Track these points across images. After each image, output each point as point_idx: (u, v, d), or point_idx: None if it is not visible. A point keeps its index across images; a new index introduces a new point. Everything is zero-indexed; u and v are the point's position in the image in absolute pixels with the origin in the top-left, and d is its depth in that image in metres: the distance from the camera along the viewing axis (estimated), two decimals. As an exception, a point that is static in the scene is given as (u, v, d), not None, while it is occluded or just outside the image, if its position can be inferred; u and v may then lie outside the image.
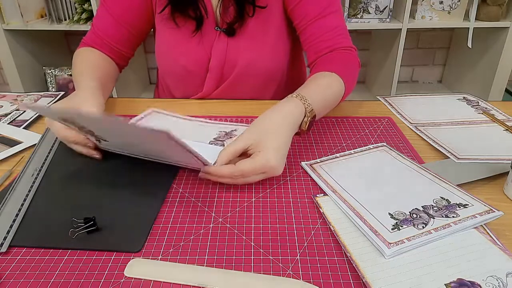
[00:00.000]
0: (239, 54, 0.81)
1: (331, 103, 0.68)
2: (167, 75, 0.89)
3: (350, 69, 0.74)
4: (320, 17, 0.76)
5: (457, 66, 2.13)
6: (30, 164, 0.59)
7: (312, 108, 0.60)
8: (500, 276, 0.40)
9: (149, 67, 2.20)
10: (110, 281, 0.40)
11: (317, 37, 0.77)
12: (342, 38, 0.77)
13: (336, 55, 0.75)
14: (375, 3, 1.73)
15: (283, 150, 0.54)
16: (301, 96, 0.60)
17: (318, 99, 0.63)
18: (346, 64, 0.74)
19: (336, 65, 0.72)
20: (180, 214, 0.50)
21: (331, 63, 0.73)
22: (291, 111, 0.58)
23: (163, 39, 0.83)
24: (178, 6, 0.77)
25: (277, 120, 0.56)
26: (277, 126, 0.55)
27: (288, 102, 0.60)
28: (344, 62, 0.74)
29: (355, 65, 0.76)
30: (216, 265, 0.42)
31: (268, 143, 0.53)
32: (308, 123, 0.60)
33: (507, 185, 0.53)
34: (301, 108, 0.59)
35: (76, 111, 0.56)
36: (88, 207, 0.51)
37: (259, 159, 0.51)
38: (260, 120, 0.57)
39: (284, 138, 0.55)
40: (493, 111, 0.78)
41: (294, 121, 0.58)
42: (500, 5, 1.72)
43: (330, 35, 0.76)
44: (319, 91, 0.65)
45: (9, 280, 0.40)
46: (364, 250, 0.43)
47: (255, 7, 0.77)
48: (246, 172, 0.52)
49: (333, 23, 0.77)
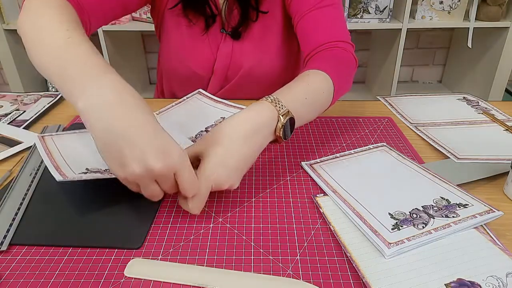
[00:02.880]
0: (244, 57, 0.81)
1: (316, 103, 0.59)
2: (171, 75, 0.89)
3: (342, 68, 0.66)
4: (315, 9, 0.72)
5: (457, 66, 2.13)
6: (29, 163, 0.59)
7: (287, 110, 0.51)
8: (500, 276, 0.40)
9: (149, 67, 2.20)
10: (110, 281, 0.40)
11: (310, 30, 0.72)
12: (338, 31, 0.71)
13: (329, 52, 0.69)
14: (375, 3, 1.73)
15: (232, 162, 0.47)
16: (273, 98, 0.51)
17: (298, 99, 0.54)
18: (339, 63, 0.67)
19: (327, 62, 0.64)
20: (180, 214, 0.50)
21: (321, 61, 0.65)
22: (254, 117, 0.49)
23: (171, 39, 0.83)
24: (190, 2, 0.77)
25: (233, 126, 0.48)
26: (231, 133, 0.48)
27: (254, 106, 0.51)
28: (336, 61, 0.67)
29: (350, 63, 0.69)
30: (216, 265, 0.42)
31: (210, 157, 0.46)
32: (282, 127, 0.50)
33: (507, 185, 0.53)
34: (271, 111, 0.50)
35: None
36: (87, 205, 0.51)
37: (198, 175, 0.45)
38: (218, 126, 0.49)
39: (237, 148, 0.47)
40: (493, 111, 0.78)
41: (259, 127, 0.49)
42: (500, 5, 1.72)
43: (323, 28, 0.71)
44: (300, 90, 0.56)
45: (9, 280, 0.40)
46: (364, 250, 0.43)
47: (258, 12, 0.77)
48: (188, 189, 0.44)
49: (329, 16, 0.72)
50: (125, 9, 0.75)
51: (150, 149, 0.40)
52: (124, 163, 0.41)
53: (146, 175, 0.41)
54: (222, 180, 0.47)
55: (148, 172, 0.41)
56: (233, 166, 0.47)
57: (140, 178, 0.42)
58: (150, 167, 0.40)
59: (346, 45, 0.70)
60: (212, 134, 0.49)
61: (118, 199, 0.52)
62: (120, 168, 0.42)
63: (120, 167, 0.42)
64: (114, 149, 0.41)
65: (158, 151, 0.41)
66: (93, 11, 0.65)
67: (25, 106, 0.81)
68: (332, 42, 0.69)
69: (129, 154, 0.40)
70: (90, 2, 0.64)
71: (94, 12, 0.65)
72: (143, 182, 0.43)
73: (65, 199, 0.52)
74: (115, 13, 0.73)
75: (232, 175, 0.47)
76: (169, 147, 0.42)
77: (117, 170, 0.42)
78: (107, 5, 0.69)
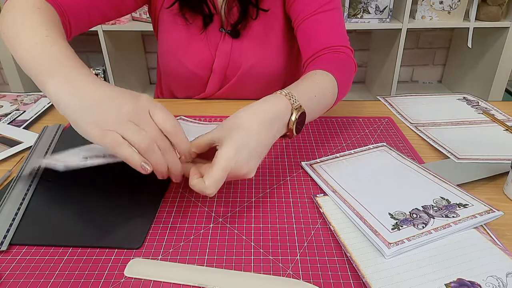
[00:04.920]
0: (243, 56, 0.81)
1: (323, 102, 0.61)
2: (169, 75, 0.89)
3: (345, 71, 0.69)
4: (316, 13, 0.73)
5: (457, 66, 2.13)
6: (29, 163, 0.59)
7: (300, 105, 0.52)
8: (500, 276, 0.40)
9: (149, 67, 2.20)
10: (110, 281, 0.40)
11: (312, 34, 0.73)
12: (338, 36, 0.73)
13: (331, 56, 0.71)
14: (375, 3, 1.73)
15: (250, 148, 0.47)
16: (287, 92, 0.53)
17: (308, 96, 0.56)
18: (341, 65, 0.69)
19: (331, 65, 0.66)
20: (180, 214, 0.50)
21: (325, 63, 0.67)
22: (270, 107, 0.51)
23: (168, 39, 0.83)
24: (187, 1, 0.77)
25: (249, 115, 0.49)
26: (247, 122, 0.48)
27: (269, 97, 0.52)
28: (339, 63, 0.69)
29: (351, 67, 0.71)
30: (216, 265, 0.42)
31: (231, 139, 0.46)
32: (295, 121, 0.52)
33: (507, 185, 0.53)
34: (285, 104, 0.51)
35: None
36: (88, 205, 0.51)
37: (217, 157, 0.46)
38: (233, 115, 0.50)
39: (255, 135, 0.47)
40: (493, 111, 0.78)
41: (274, 118, 0.50)
42: (500, 5, 1.72)
43: (325, 32, 0.73)
44: (309, 87, 0.58)
45: (9, 280, 0.40)
46: (364, 250, 0.43)
47: (258, 9, 0.77)
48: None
49: (330, 21, 0.74)
50: (118, 11, 0.76)
51: (121, 98, 0.45)
52: (101, 122, 0.44)
53: (122, 120, 0.44)
54: (242, 163, 0.46)
55: (123, 115, 0.44)
56: (253, 150, 0.47)
57: (119, 127, 0.43)
58: (123, 110, 0.44)
59: (346, 49, 0.72)
60: (229, 121, 0.49)
61: (119, 199, 0.52)
62: (100, 131, 0.44)
63: (99, 129, 0.44)
64: (89, 114, 0.44)
65: (126, 97, 0.46)
66: (75, 13, 0.66)
67: (25, 106, 0.81)
68: (334, 47, 0.71)
69: (102, 112, 0.44)
70: (71, 4, 0.65)
71: (76, 14, 0.66)
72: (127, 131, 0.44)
73: (65, 199, 0.52)
74: (103, 14, 0.73)
75: (251, 159, 0.47)
76: (136, 94, 0.47)
77: (97, 135, 0.44)
78: (93, 6, 0.69)
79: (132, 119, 0.44)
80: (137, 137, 0.43)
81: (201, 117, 0.75)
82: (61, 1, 0.63)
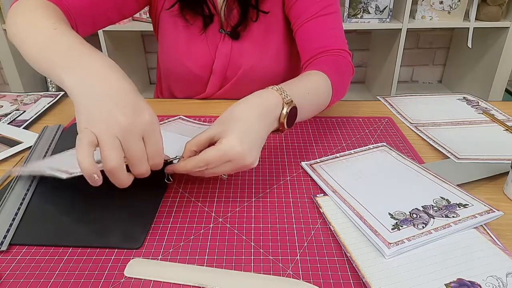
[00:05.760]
0: (243, 57, 0.81)
1: (316, 100, 0.62)
2: (169, 76, 0.89)
3: (341, 73, 0.69)
4: (316, 17, 0.74)
5: (457, 66, 2.13)
6: (29, 163, 0.59)
7: (291, 99, 0.53)
8: (500, 276, 0.40)
9: (149, 67, 2.20)
10: (110, 281, 0.40)
11: (311, 36, 0.74)
12: (337, 40, 0.74)
13: (329, 58, 0.72)
14: (375, 3, 1.73)
15: (251, 137, 0.48)
16: (278, 87, 0.54)
17: (300, 92, 0.57)
18: (338, 67, 0.70)
19: (327, 67, 0.67)
20: (180, 214, 0.50)
21: (322, 65, 0.68)
22: (262, 101, 0.52)
23: (168, 40, 0.83)
24: (187, 2, 0.77)
25: (244, 109, 0.50)
26: (244, 114, 0.50)
27: (261, 92, 0.53)
28: (336, 66, 0.70)
29: (348, 70, 0.72)
30: (216, 265, 0.42)
31: (232, 129, 0.47)
32: (286, 115, 0.53)
33: (507, 185, 0.53)
34: (277, 98, 0.53)
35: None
36: (87, 205, 0.51)
37: (221, 145, 0.46)
38: (228, 110, 0.51)
39: (253, 125, 0.49)
40: (493, 111, 0.78)
41: (267, 111, 0.51)
42: (500, 5, 1.72)
43: (324, 36, 0.74)
44: (302, 85, 0.59)
45: (9, 280, 0.40)
46: (364, 250, 0.43)
47: (258, 11, 0.77)
48: (210, 161, 0.47)
49: (329, 24, 0.75)
50: (121, 14, 0.77)
51: (121, 107, 0.42)
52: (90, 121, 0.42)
53: (109, 132, 0.41)
54: (246, 152, 0.47)
55: (113, 129, 0.41)
56: (254, 139, 0.48)
57: (102, 137, 0.41)
58: (116, 124, 0.41)
59: (344, 53, 0.73)
60: (226, 115, 0.50)
61: (119, 199, 0.52)
62: (83, 127, 0.42)
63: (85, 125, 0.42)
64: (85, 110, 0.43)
65: (128, 108, 0.42)
66: (81, 16, 0.67)
67: (25, 106, 0.81)
68: (332, 50, 0.72)
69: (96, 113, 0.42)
70: (77, 8, 0.66)
71: (82, 17, 0.67)
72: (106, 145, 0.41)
73: (65, 199, 0.52)
74: (108, 16, 0.74)
75: (253, 148, 0.48)
76: (142, 105, 0.44)
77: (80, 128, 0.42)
78: (99, 9, 0.70)
79: (120, 136, 0.41)
80: (109, 155, 0.41)
81: (201, 117, 0.75)
82: (68, 5, 0.65)
